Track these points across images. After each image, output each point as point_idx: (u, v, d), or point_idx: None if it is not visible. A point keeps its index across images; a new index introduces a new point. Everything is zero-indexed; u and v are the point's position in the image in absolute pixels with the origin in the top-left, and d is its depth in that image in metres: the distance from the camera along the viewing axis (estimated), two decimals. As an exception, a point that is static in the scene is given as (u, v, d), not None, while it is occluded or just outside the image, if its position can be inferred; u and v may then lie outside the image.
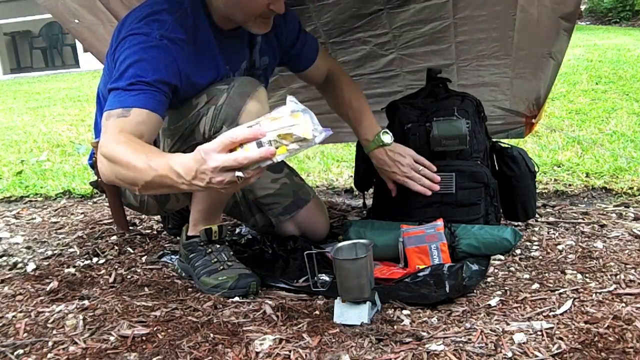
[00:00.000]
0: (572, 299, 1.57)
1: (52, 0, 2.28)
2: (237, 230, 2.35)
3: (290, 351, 1.40)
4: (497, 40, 2.27)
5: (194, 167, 1.32)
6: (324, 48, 2.08)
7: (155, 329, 1.53)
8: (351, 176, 2.96)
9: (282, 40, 1.88)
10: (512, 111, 2.57)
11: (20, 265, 2.11)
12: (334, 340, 1.44)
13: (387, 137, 1.92)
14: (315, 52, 1.97)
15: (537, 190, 2.41)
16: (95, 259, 2.13)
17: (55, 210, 2.88)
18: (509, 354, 1.32)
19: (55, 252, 2.24)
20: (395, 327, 1.49)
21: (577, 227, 2.17)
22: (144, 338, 1.49)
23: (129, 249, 2.24)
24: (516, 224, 2.22)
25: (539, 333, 1.41)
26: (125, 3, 2.10)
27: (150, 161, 1.38)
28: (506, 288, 1.69)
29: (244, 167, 1.28)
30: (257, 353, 1.40)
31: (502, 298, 1.62)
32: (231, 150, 1.28)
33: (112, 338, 1.50)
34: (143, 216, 2.56)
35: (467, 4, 2.11)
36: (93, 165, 1.90)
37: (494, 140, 2.22)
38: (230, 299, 1.72)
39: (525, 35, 2.20)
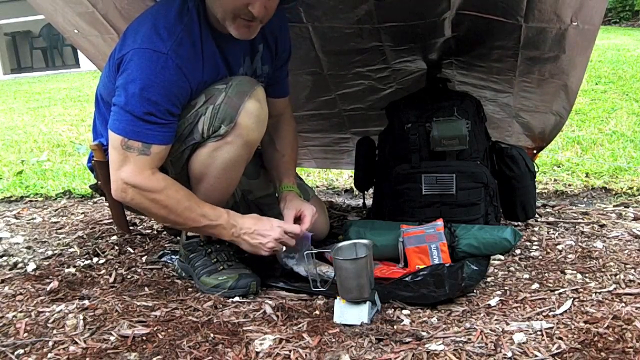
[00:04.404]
0: (571, 299, 1.57)
1: (52, 11, 2.28)
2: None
3: (290, 351, 1.40)
4: (498, 91, 2.27)
5: (253, 227, 1.69)
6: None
7: (155, 328, 1.53)
8: (351, 176, 2.97)
9: (277, 56, 1.88)
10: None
11: (20, 265, 2.11)
12: (334, 340, 1.44)
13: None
14: (287, 89, 2.00)
15: (537, 190, 2.41)
16: (95, 259, 2.13)
17: (56, 210, 2.88)
18: (509, 354, 1.32)
19: (56, 252, 2.25)
20: (395, 327, 1.49)
21: (576, 227, 2.17)
22: (144, 338, 1.49)
23: (129, 249, 2.24)
24: (516, 224, 2.22)
25: (539, 333, 1.41)
26: (124, 14, 2.10)
27: (202, 209, 1.66)
28: (506, 288, 1.70)
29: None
30: (257, 353, 1.40)
31: (502, 298, 1.62)
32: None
33: (112, 338, 1.50)
34: (143, 216, 2.56)
35: (468, 49, 2.11)
36: (92, 169, 1.90)
37: (494, 140, 2.22)
38: (230, 299, 1.72)
39: (525, 95, 2.21)
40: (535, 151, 2.47)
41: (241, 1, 1.56)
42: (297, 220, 1.81)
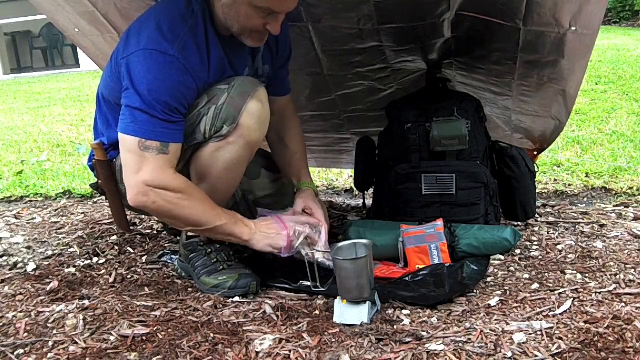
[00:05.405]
0: (571, 299, 1.58)
1: (53, 10, 2.28)
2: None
3: (290, 351, 1.40)
4: (497, 94, 2.27)
5: (266, 223, 1.74)
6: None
7: (155, 328, 1.54)
8: (351, 176, 2.97)
9: (278, 56, 1.89)
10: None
11: (20, 265, 2.11)
12: (334, 340, 1.44)
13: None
14: (289, 87, 2.01)
15: (537, 190, 2.41)
16: (95, 259, 2.13)
17: (56, 210, 2.88)
18: (509, 354, 1.32)
19: (56, 252, 2.25)
20: (395, 327, 1.49)
21: (576, 227, 2.17)
22: (144, 338, 1.49)
23: (129, 248, 2.24)
24: (516, 224, 2.22)
25: (539, 333, 1.41)
26: (125, 14, 2.10)
27: (220, 209, 1.67)
28: (506, 288, 1.70)
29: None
30: (257, 353, 1.40)
31: (502, 298, 1.63)
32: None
33: (112, 338, 1.51)
34: (143, 216, 2.57)
35: (468, 50, 2.11)
36: (93, 167, 1.90)
37: (494, 140, 2.22)
38: (230, 299, 1.72)
39: (524, 99, 2.21)
40: (536, 152, 2.46)
41: (260, 22, 1.61)
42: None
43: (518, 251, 1.97)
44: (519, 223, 2.23)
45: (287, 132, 1.98)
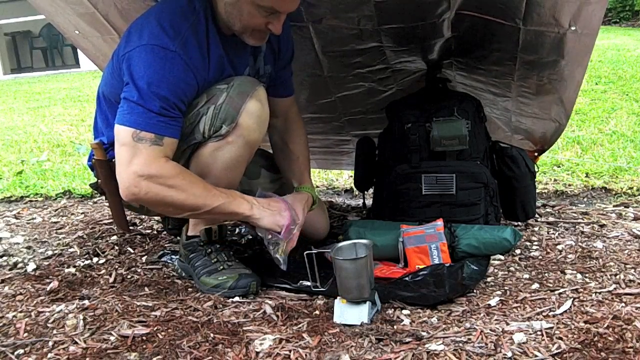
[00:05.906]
0: (571, 299, 1.58)
1: (52, 11, 2.28)
2: (237, 230, 2.35)
3: (290, 351, 1.40)
4: (497, 95, 2.27)
5: (266, 200, 1.72)
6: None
7: (155, 328, 1.54)
8: (351, 176, 2.97)
9: (280, 56, 1.89)
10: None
11: (20, 265, 2.11)
12: (334, 340, 1.44)
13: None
14: (292, 88, 2.00)
15: (537, 190, 2.41)
16: (95, 259, 2.13)
17: (56, 210, 2.88)
18: (509, 354, 1.32)
19: (56, 252, 2.25)
20: (395, 327, 1.49)
21: (576, 227, 2.17)
22: (144, 338, 1.49)
23: (129, 249, 2.24)
24: (516, 224, 2.22)
25: (539, 333, 1.41)
26: (125, 15, 2.10)
27: (216, 189, 1.62)
28: (506, 288, 1.70)
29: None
30: (257, 353, 1.40)
31: (502, 298, 1.63)
32: None
33: (112, 338, 1.50)
34: (143, 216, 2.57)
35: (467, 50, 2.11)
36: (92, 167, 1.90)
37: (494, 140, 2.22)
38: (230, 299, 1.72)
39: (524, 100, 2.21)
40: (536, 153, 2.46)
41: (262, 21, 1.61)
42: None
43: (518, 251, 1.97)
44: (519, 223, 2.23)
45: (290, 135, 1.98)
